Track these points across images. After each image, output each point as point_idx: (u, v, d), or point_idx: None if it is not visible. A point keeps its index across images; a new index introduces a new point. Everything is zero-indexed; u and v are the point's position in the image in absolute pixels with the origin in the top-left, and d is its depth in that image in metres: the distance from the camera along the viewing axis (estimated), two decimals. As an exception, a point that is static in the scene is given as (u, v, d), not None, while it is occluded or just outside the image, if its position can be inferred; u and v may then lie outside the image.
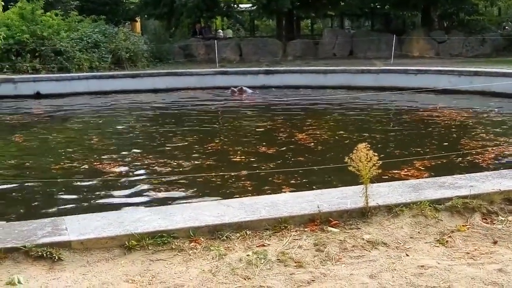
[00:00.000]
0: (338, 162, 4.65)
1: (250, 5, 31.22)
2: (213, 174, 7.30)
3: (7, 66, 19.94)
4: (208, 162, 8.19)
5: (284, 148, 9.18)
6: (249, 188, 6.60)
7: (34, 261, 3.51)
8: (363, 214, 4.18)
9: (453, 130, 10.81)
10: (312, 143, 9.49)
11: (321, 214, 4.12)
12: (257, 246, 3.76)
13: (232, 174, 7.25)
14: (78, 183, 7.18)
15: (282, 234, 3.94)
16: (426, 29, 26.62)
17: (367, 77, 18.42)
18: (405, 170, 7.29)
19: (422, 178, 6.28)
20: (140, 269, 3.46)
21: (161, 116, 14.18)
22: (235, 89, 17.28)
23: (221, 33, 32.22)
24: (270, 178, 7.04)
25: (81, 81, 19.06)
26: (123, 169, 7.98)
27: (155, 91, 18.66)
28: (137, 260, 3.57)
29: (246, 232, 3.93)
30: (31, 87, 18.18)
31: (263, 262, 3.52)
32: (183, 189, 6.77)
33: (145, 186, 7.04)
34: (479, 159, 7.99)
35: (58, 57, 20.69)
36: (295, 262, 3.53)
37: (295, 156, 8.43)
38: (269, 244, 3.79)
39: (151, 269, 3.46)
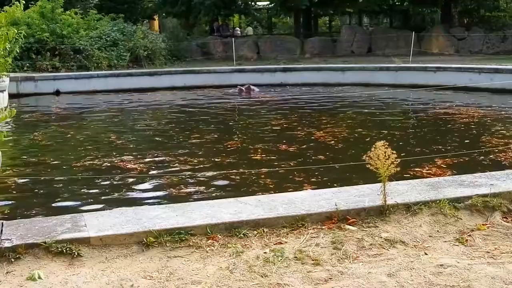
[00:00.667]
0: (359, 159, 4.63)
1: (268, 2, 31.19)
2: (234, 171, 7.32)
3: (28, 64, 20.15)
4: (228, 160, 8.20)
5: (304, 146, 9.16)
6: (270, 186, 6.59)
7: (54, 257, 3.54)
8: (381, 212, 4.16)
9: (473, 127, 10.76)
10: (332, 141, 9.46)
11: (339, 212, 4.11)
12: (274, 244, 3.76)
13: (252, 172, 7.26)
14: (97, 180, 7.23)
15: (300, 231, 3.94)
16: (446, 26, 26.41)
17: (386, 75, 18.34)
18: (427, 168, 7.26)
19: (445, 176, 6.26)
20: (158, 265, 3.48)
21: (179, 114, 14.23)
22: (243, 88, 17.26)
23: (238, 30, 32.24)
24: (290, 176, 7.03)
25: (100, 79, 19.20)
26: (141, 166, 8.01)
27: (173, 89, 18.73)
28: (155, 256, 3.59)
29: (263, 229, 3.93)
30: (51, 85, 18.38)
31: (280, 259, 3.52)
32: (203, 187, 6.79)
33: (163, 184, 7.07)
34: (501, 157, 7.93)
35: (77, 56, 20.88)
36: (312, 260, 3.52)
37: (315, 154, 8.41)
38: (286, 242, 3.78)
39: (169, 265, 3.48)
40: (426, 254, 3.61)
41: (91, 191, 6.81)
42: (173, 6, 28.74)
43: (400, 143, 9.25)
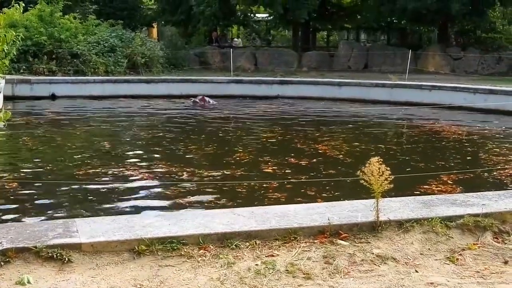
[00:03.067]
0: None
1: (267, 15, 31.29)
2: (244, 182, 7.33)
3: (24, 67, 20.10)
4: (239, 172, 8.12)
5: (315, 160, 9.17)
6: (281, 200, 6.57)
7: (44, 262, 3.52)
8: (374, 228, 4.17)
9: (466, 144, 10.95)
10: (340, 155, 9.49)
11: (331, 227, 4.12)
12: (266, 256, 3.76)
13: (263, 184, 7.24)
14: (90, 186, 7.22)
15: (292, 245, 3.94)
16: (442, 45, 26.53)
17: (382, 91, 18.40)
18: (433, 184, 7.36)
19: (454, 192, 6.32)
20: (149, 274, 3.47)
21: (173, 122, 14.22)
22: (197, 99, 17.24)
23: (236, 41, 32.31)
24: (302, 190, 7.05)
25: (96, 85, 19.19)
26: (135, 173, 8.01)
27: (169, 97, 18.73)
28: (146, 265, 3.59)
29: (255, 241, 3.93)
30: (47, 89, 18.34)
31: (272, 272, 3.52)
32: (196, 196, 6.79)
33: (158, 192, 7.07)
34: (503, 174, 8.03)
35: (75, 60, 20.84)
36: (304, 274, 3.52)
37: (326, 168, 8.42)
38: (278, 255, 3.78)
39: (159, 274, 3.47)
40: (416, 271, 3.62)
41: (83, 197, 6.80)
42: (172, 14, 28.77)
43: (406, 158, 9.52)
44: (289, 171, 8.22)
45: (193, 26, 28.95)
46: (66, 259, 3.55)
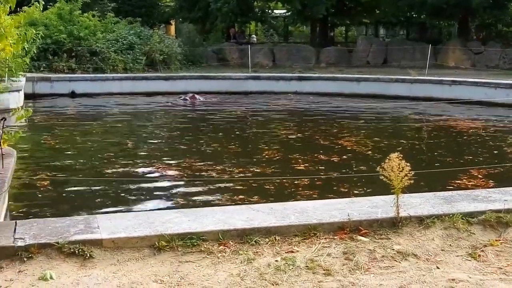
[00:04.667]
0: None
1: (285, 11, 31.24)
2: (276, 178, 7.31)
3: (44, 65, 20.28)
4: (271, 170, 8.08)
5: (341, 156, 9.15)
6: (313, 197, 6.50)
7: (66, 258, 3.55)
8: (394, 224, 4.14)
9: (488, 139, 10.95)
10: (369, 151, 9.46)
11: (351, 223, 4.10)
12: (285, 252, 3.75)
13: (293, 181, 7.22)
14: (110, 183, 7.26)
15: (311, 241, 3.93)
16: (463, 40, 26.30)
17: (401, 87, 18.27)
18: (459, 179, 7.35)
19: (486, 187, 6.29)
20: (169, 270, 3.49)
21: (192, 119, 14.26)
22: (187, 97, 17.19)
23: (254, 38, 32.30)
24: (335, 187, 7.03)
25: (115, 82, 19.30)
26: (157, 170, 8.04)
27: (187, 93, 18.75)
28: (166, 261, 3.60)
29: (275, 237, 3.93)
30: (67, 86, 18.49)
31: (292, 268, 3.51)
32: (216, 194, 6.77)
33: (178, 189, 7.08)
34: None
35: (94, 58, 20.99)
36: (324, 270, 3.51)
37: (358, 164, 8.39)
38: (298, 251, 3.78)
39: (180, 270, 3.48)
40: (438, 268, 3.60)
41: (104, 193, 6.84)
42: (190, 11, 28.84)
43: (435, 153, 9.57)
44: (323, 167, 8.17)
45: (211, 22, 28.98)
46: (88, 255, 3.57)
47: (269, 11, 31.21)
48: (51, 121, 13.33)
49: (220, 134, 11.58)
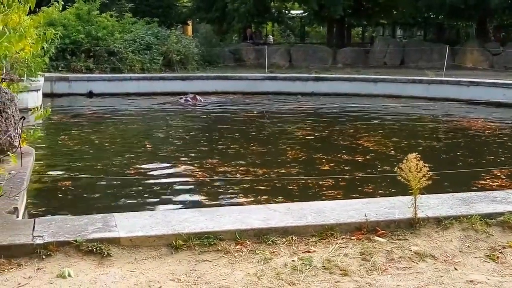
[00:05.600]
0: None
1: (302, 11, 31.20)
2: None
3: (62, 65, 20.44)
4: (296, 170, 8.04)
5: (369, 156, 9.11)
6: (338, 197, 6.45)
7: (84, 256, 3.58)
8: (411, 225, 4.12)
9: (506, 139, 10.90)
10: (393, 151, 9.43)
11: (368, 223, 4.09)
12: (302, 252, 3.75)
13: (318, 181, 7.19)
14: (127, 182, 7.30)
15: (328, 241, 3.92)
16: (481, 41, 26.10)
17: (418, 87, 18.19)
18: (483, 179, 7.31)
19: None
20: (186, 268, 3.50)
21: (208, 120, 14.28)
22: (188, 98, 17.08)
23: (271, 38, 32.30)
24: (360, 188, 6.98)
25: (132, 82, 19.40)
26: (175, 170, 8.05)
27: (204, 94, 18.77)
28: (183, 259, 3.61)
29: (292, 237, 3.93)
30: (84, 86, 18.62)
31: (308, 268, 3.51)
32: (240, 195, 6.73)
33: (202, 189, 7.06)
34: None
35: (111, 58, 21.12)
36: (341, 270, 3.51)
37: (382, 164, 8.35)
38: (314, 251, 3.77)
39: (197, 269, 3.49)
40: (456, 269, 3.57)
41: (121, 192, 6.88)
42: (207, 12, 28.91)
43: (457, 153, 9.58)
44: (348, 168, 8.12)
45: (228, 23, 29.04)
46: (106, 253, 3.60)
47: (286, 11, 31.21)
48: (68, 120, 13.42)
49: (237, 134, 11.57)
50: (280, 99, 17.96)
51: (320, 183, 7.11)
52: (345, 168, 8.12)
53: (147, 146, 10.17)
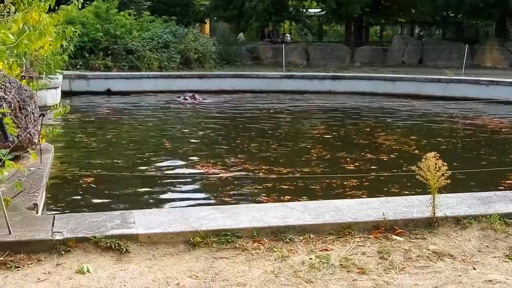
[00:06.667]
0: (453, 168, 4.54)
1: (319, 10, 31.14)
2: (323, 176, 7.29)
3: (81, 62, 20.57)
4: (320, 169, 8.01)
5: (394, 155, 9.07)
6: (363, 197, 6.37)
7: (102, 252, 3.61)
8: (430, 224, 4.10)
9: None
10: (416, 150, 9.33)
11: (386, 222, 4.07)
12: (320, 250, 3.75)
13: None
14: (146, 180, 7.34)
15: (346, 239, 3.91)
16: (500, 39, 25.86)
17: (437, 86, 18.08)
18: (509, 179, 7.25)
19: None
20: (204, 265, 3.51)
21: (225, 118, 14.30)
22: (187, 96, 16.98)
23: (288, 37, 32.26)
24: (385, 188, 6.94)
25: (150, 80, 19.50)
26: (197, 169, 8.06)
27: (221, 92, 18.85)
28: (201, 256, 3.62)
29: (309, 235, 3.93)
30: (103, 84, 18.74)
31: (326, 266, 3.50)
32: (262, 195, 6.71)
33: (225, 188, 7.03)
34: None
35: (129, 56, 21.23)
36: (358, 269, 3.50)
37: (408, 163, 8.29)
38: (332, 249, 3.77)
39: (214, 266, 3.50)
40: (474, 269, 3.55)
41: (139, 189, 6.92)
42: (225, 10, 28.97)
43: (481, 152, 9.58)
44: (374, 167, 8.10)
45: (245, 21, 29.07)
46: (124, 249, 3.62)
47: (304, 10, 31.16)
48: (86, 118, 13.51)
49: (253, 133, 11.57)
50: (287, 98, 17.92)
51: (345, 183, 7.07)
52: (371, 167, 8.09)
53: (166, 144, 10.21)
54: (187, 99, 16.75)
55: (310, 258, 3.60)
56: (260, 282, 3.31)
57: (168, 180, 7.43)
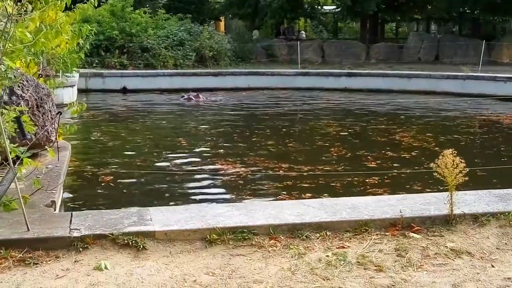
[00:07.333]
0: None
1: (334, 6, 31.04)
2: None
3: (96, 61, 20.69)
4: (341, 167, 7.95)
5: (415, 152, 9.04)
6: (384, 194, 6.32)
7: (120, 249, 3.62)
8: (447, 221, 4.07)
9: None
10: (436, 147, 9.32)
11: (403, 219, 4.05)
12: (336, 248, 3.74)
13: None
14: (161, 177, 7.36)
15: (363, 237, 3.90)
16: (518, 35, 25.63)
17: (453, 83, 17.95)
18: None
19: None
20: (221, 262, 3.51)
21: (239, 116, 14.30)
22: (191, 95, 16.87)
23: (303, 34, 32.19)
24: (409, 185, 6.91)
25: (165, 78, 19.56)
26: (215, 167, 8.06)
27: (236, 89, 18.86)
28: (217, 254, 3.63)
29: (326, 232, 3.92)
30: (118, 82, 18.83)
31: (343, 263, 3.49)
32: (282, 193, 6.66)
33: (245, 186, 7.03)
34: None
35: (145, 54, 21.32)
36: (375, 266, 3.48)
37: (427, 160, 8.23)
38: (349, 246, 3.76)
39: (231, 263, 3.51)
40: (493, 266, 3.52)
41: (155, 187, 6.94)
42: (239, 7, 28.97)
43: (501, 148, 9.51)
44: (397, 164, 8.06)
45: (260, 19, 29.06)
46: (141, 246, 3.63)
47: (319, 7, 31.08)
48: (102, 116, 13.58)
49: (268, 131, 11.55)
50: (302, 95, 17.86)
51: (366, 180, 7.04)
52: (393, 165, 8.04)
53: (182, 141, 10.23)
54: (192, 99, 16.74)
55: (327, 256, 3.60)
56: (276, 279, 3.30)
57: (185, 178, 7.44)
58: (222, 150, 9.33)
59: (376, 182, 7.01)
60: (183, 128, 12.11)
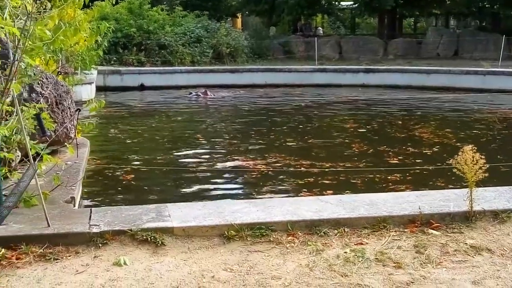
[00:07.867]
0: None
1: (352, 2, 30.87)
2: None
3: (114, 58, 20.79)
4: (363, 164, 7.92)
5: (436, 149, 8.99)
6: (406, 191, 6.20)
7: (139, 244, 3.64)
8: (467, 218, 4.04)
9: None
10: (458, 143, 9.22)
11: (422, 216, 4.03)
12: (355, 244, 3.72)
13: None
14: (180, 173, 7.39)
15: (381, 233, 3.88)
16: (538, 30, 25.28)
17: (473, 79, 17.79)
18: None
19: None
20: (239, 259, 3.52)
21: (254, 113, 14.29)
22: (199, 92, 16.84)
23: (320, 30, 32.07)
24: (431, 181, 6.87)
25: (183, 75, 19.61)
26: (237, 164, 8.06)
27: (253, 86, 18.86)
28: (235, 250, 3.64)
29: (344, 229, 3.91)
30: (136, 79, 18.92)
31: (361, 260, 3.48)
32: (303, 190, 6.64)
33: (266, 183, 7.00)
34: None
35: (162, 51, 21.38)
36: (394, 263, 3.47)
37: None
38: (367, 243, 3.74)
39: (249, 259, 3.51)
40: (513, 263, 3.49)
41: (174, 183, 6.97)
42: (256, 4, 28.93)
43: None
44: (419, 160, 8.00)
45: (277, 15, 29.00)
46: (160, 242, 3.65)
47: (336, 3, 30.91)
48: (121, 113, 13.66)
49: (284, 128, 11.52)
50: (319, 92, 17.77)
51: (388, 177, 7.00)
52: (415, 161, 7.98)
53: (200, 138, 10.25)
54: (199, 95, 16.74)
55: (345, 252, 3.59)
56: (295, 275, 3.30)
57: (204, 174, 7.46)
58: (241, 147, 9.33)
59: (398, 179, 6.96)
60: (201, 125, 12.14)
